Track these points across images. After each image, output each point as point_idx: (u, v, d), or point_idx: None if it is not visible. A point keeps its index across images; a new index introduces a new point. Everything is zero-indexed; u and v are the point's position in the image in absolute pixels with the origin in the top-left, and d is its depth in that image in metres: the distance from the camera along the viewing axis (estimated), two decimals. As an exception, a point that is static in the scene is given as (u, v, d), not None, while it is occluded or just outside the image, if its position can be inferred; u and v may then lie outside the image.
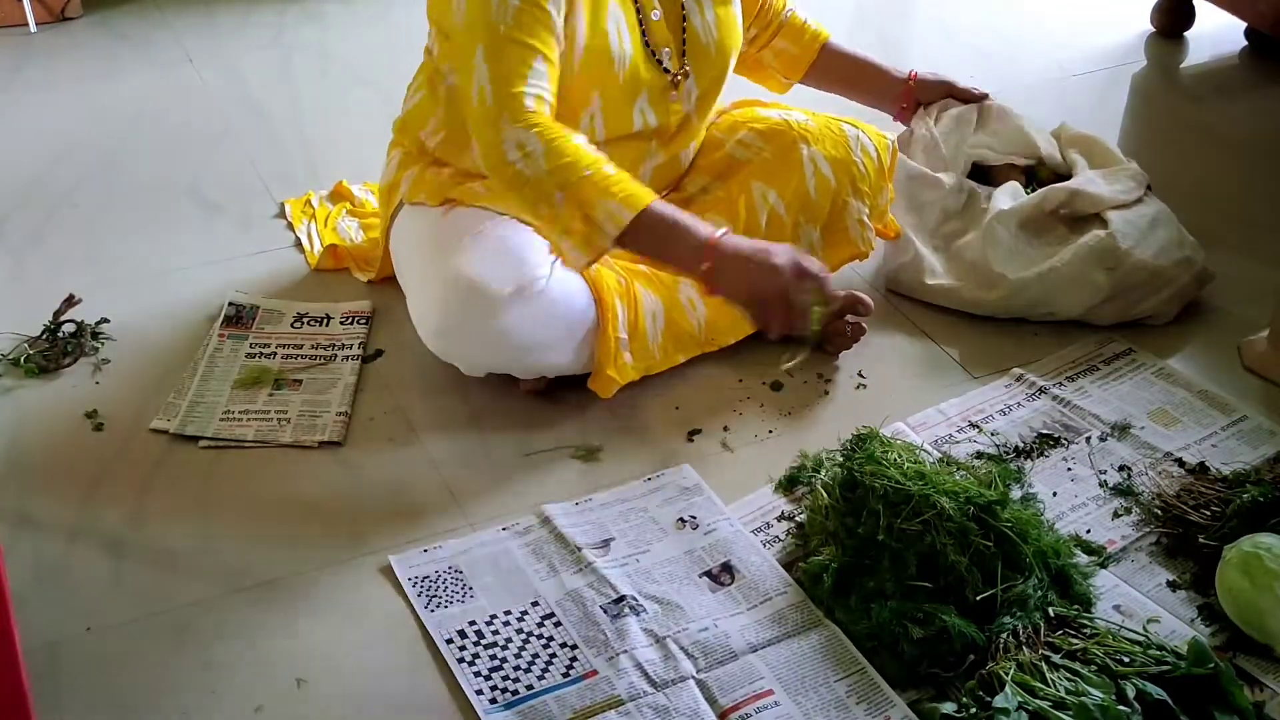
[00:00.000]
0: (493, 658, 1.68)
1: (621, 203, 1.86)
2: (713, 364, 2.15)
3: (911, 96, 2.37)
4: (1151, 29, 3.29)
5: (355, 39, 3.23)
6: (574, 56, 1.95)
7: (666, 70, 2.04)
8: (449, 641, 1.70)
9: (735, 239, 1.92)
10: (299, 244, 2.46)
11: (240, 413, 2.07)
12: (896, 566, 1.70)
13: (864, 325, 2.18)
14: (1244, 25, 3.20)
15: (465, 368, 2.03)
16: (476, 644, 1.70)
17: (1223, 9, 3.12)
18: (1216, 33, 3.25)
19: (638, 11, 2.01)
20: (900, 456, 1.82)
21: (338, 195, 2.59)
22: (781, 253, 1.90)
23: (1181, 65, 3.22)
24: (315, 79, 3.06)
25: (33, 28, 3.20)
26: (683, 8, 2.05)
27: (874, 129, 2.20)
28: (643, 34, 2.02)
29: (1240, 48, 3.23)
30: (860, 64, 2.36)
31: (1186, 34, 3.27)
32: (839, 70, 2.35)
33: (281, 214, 2.55)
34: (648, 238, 1.89)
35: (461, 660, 1.68)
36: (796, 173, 2.14)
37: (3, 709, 1.38)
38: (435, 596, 1.76)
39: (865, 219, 2.18)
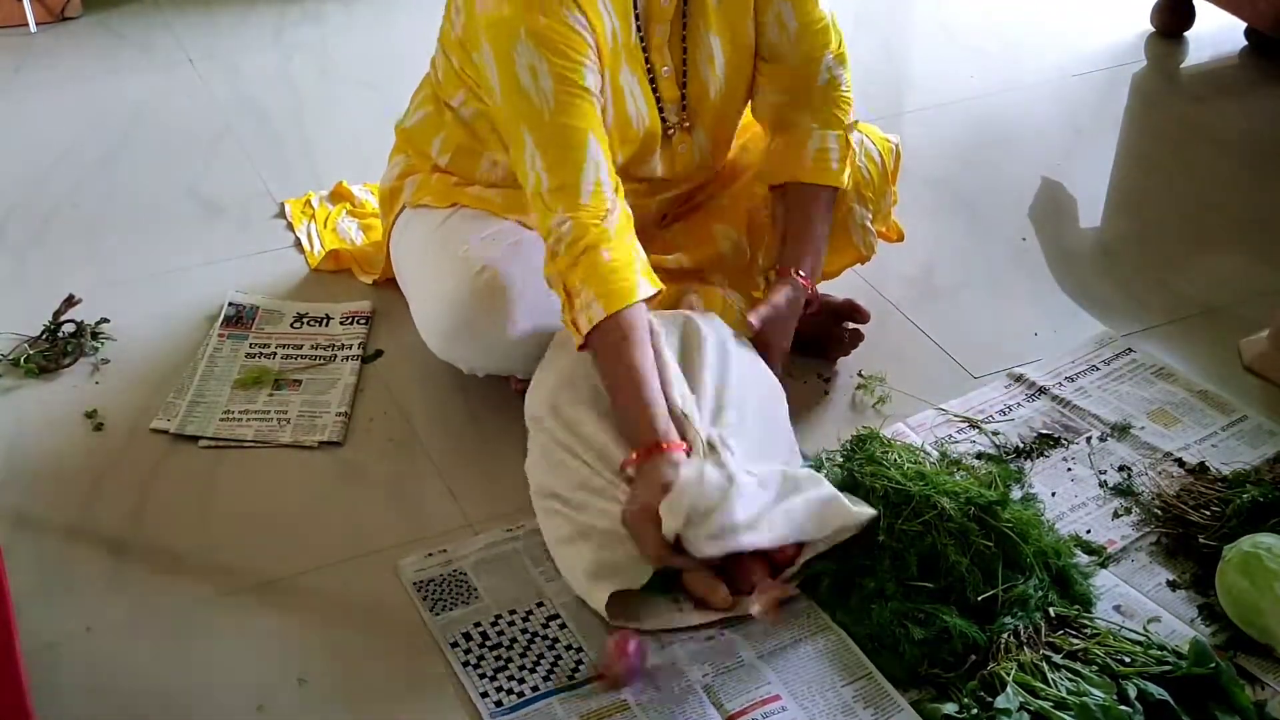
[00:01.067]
0: (498, 659, 1.68)
1: (598, 294, 1.77)
2: (713, 364, 2.15)
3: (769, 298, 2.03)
4: (1151, 29, 3.29)
5: (355, 39, 3.22)
6: (606, 120, 1.93)
7: (664, 119, 2.02)
8: (454, 645, 1.69)
9: (668, 463, 1.73)
10: (299, 244, 2.46)
11: (240, 413, 2.07)
12: (897, 567, 1.70)
13: (861, 332, 2.18)
14: (1244, 25, 3.20)
15: (466, 369, 2.03)
16: (481, 645, 1.70)
17: (1223, 9, 3.12)
18: (1216, 33, 3.25)
19: (649, 71, 1.97)
20: (900, 457, 1.83)
21: (338, 196, 2.59)
22: (673, 516, 1.69)
23: (1181, 65, 3.22)
24: (315, 79, 3.06)
25: (33, 28, 3.20)
26: (684, 65, 2.00)
27: (877, 132, 2.19)
28: (654, 91, 1.99)
29: (1240, 48, 3.23)
30: (794, 227, 2.06)
31: (1186, 34, 3.27)
32: (782, 208, 2.09)
33: (281, 214, 2.55)
34: (604, 364, 1.80)
35: (467, 664, 1.67)
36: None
37: (3, 709, 1.38)
38: (440, 600, 1.76)
39: (868, 224, 2.16)
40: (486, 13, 1.83)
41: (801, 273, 2.01)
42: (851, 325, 2.18)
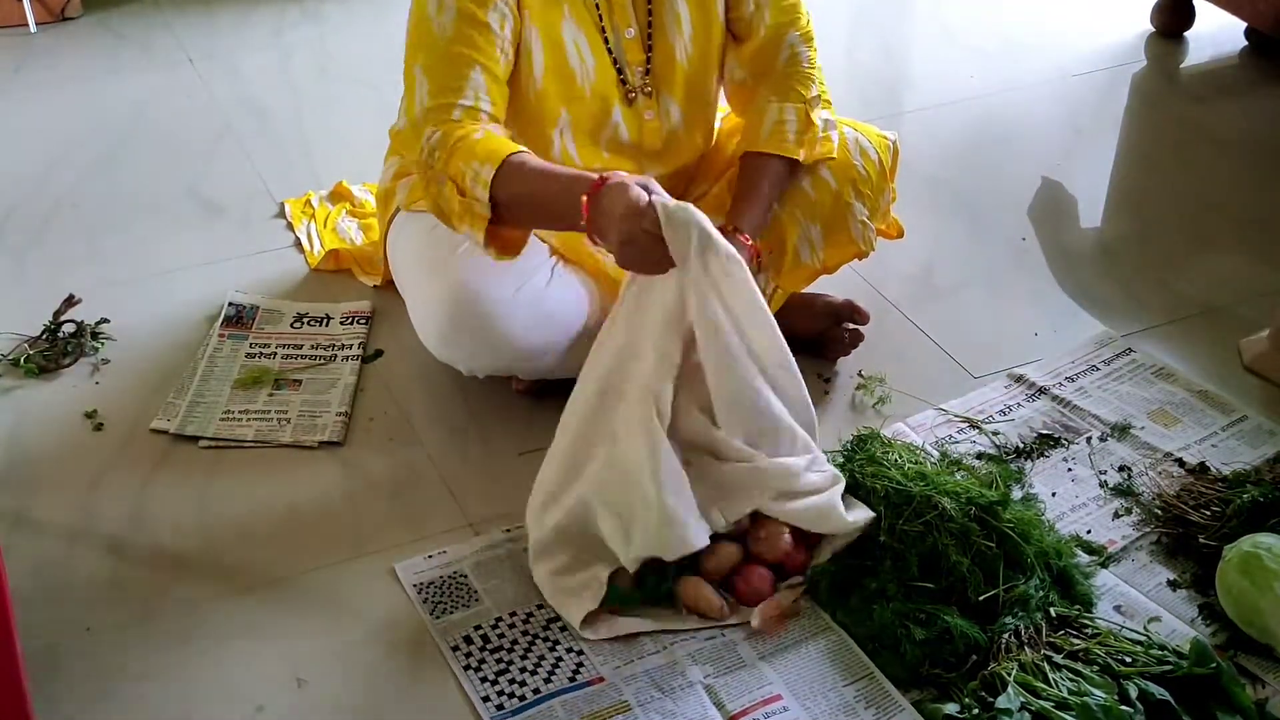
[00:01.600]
0: (499, 661, 1.68)
1: (483, 160, 1.76)
2: (713, 364, 2.15)
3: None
4: (1151, 29, 3.29)
5: (355, 39, 3.22)
6: (533, 71, 1.94)
7: (625, 82, 2.02)
8: (455, 649, 1.69)
9: (620, 182, 1.68)
10: (299, 244, 2.46)
11: (240, 413, 2.07)
12: (898, 567, 1.70)
13: (861, 332, 2.18)
14: (1244, 25, 3.20)
15: (465, 370, 2.03)
16: (483, 649, 1.70)
17: (1223, 9, 3.12)
18: (1216, 33, 3.25)
19: (602, 31, 1.98)
20: (901, 457, 1.82)
21: (337, 195, 2.59)
22: (639, 194, 1.67)
23: (1181, 65, 3.22)
24: (315, 79, 3.06)
25: (33, 28, 3.20)
26: (649, 28, 2.01)
27: (874, 130, 2.19)
28: (609, 51, 1.99)
29: (1240, 48, 3.23)
30: (741, 190, 2.06)
31: (1186, 34, 3.27)
32: (741, 177, 2.08)
33: (281, 214, 2.55)
34: (521, 191, 1.75)
35: (468, 668, 1.67)
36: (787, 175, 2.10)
37: (3, 709, 1.38)
38: (440, 603, 1.76)
39: (867, 220, 2.16)
40: None
41: (743, 232, 1.98)
42: (851, 326, 2.18)
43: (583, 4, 1.95)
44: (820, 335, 2.18)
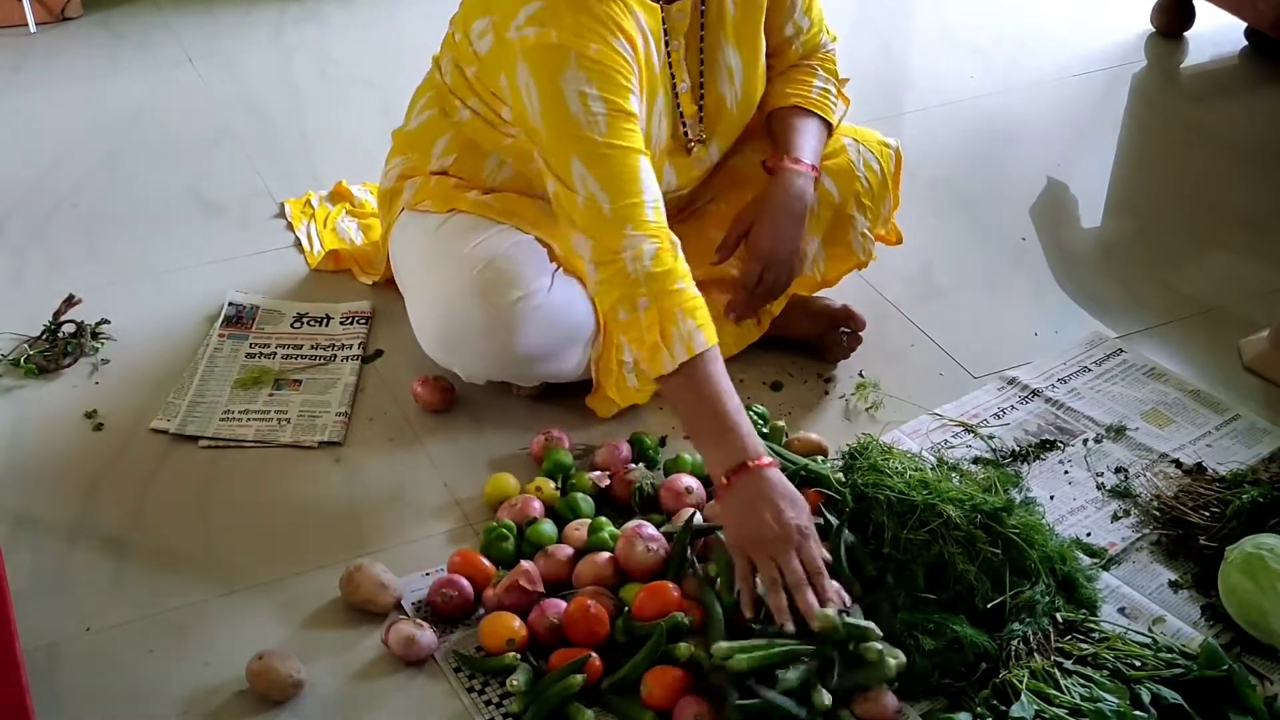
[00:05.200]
0: (501, 684, 1.65)
1: (700, 328, 1.75)
2: (713, 364, 2.15)
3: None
4: (1151, 29, 3.29)
5: (355, 39, 3.22)
6: None
7: (686, 134, 2.02)
8: (457, 670, 1.68)
9: (774, 477, 1.68)
10: (299, 244, 2.46)
11: (240, 413, 2.07)
12: (904, 577, 1.69)
13: (859, 336, 2.17)
14: (1244, 25, 3.20)
15: (465, 375, 2.02)
16: (484, 670, 1.67)
17: (1223, 9, 3.12)
18: (1216, 33, 3.25)
19: (674, 90, 1.98)
20: (902, 464, 1.81)
21: (337, 195, 2.58)
22: (802, 517, 1.66)
23: (1181, 65, 3.21)
24: (315, 79, 3.06)
25: (33, 28, 3.20)
26: (701, 79, 2.00)
27: (875, 137, 2.18)
28: (677, 107, 1.99)
29: (1240, 48, 3.23)
30: (774, 131, 2.10)
31: (1186, 34, 3.27)
32: (784, 123, 2.10)
33: (281, 214, 2.55)
34: (700, 391, 1.73)
35: (471, 690, 1.65)
36: None
37: (3, 709, 1.38)
38: (439, 623, 1.73)
39: (867, 231, 2.15)
40: (526, 39, 1.79)
41: (803, 160, 2.01)
42: (848, 330, 2.17)
43: (664, 68, 1.94)
44: (818, 338, 2.18)
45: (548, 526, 1.83)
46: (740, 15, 1.99)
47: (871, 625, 1.61)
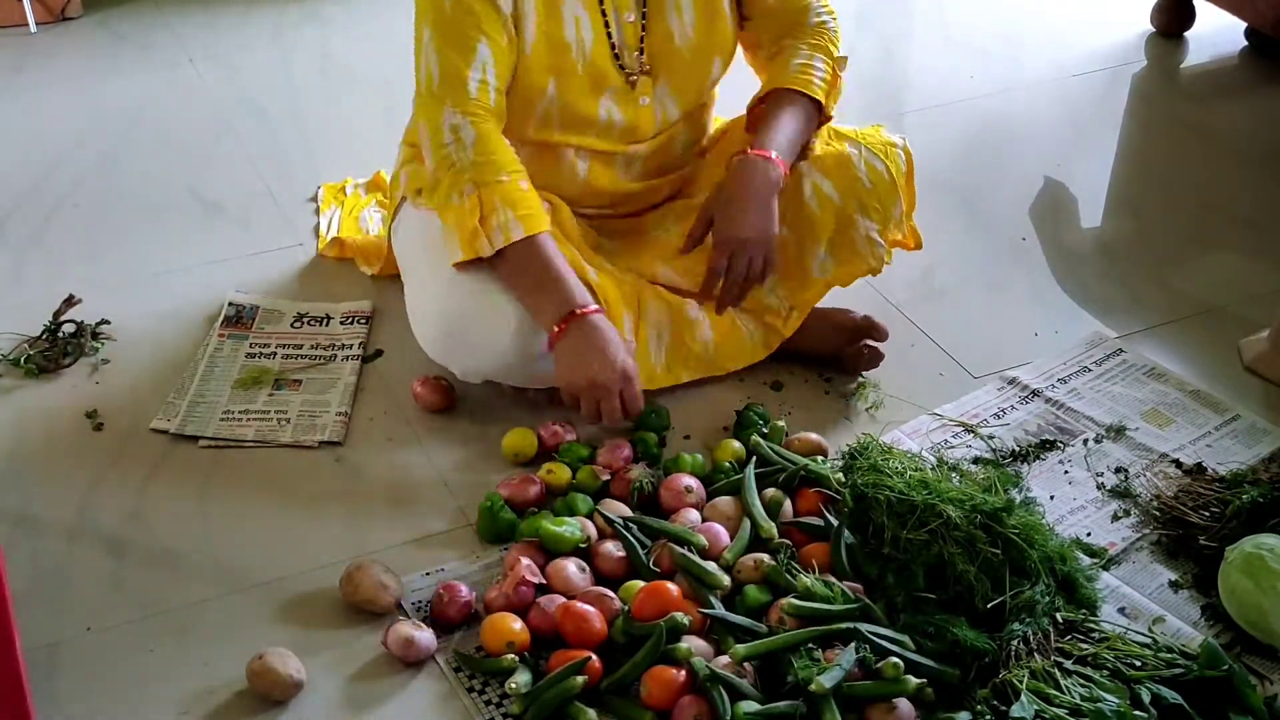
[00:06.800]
0: (501, 684, 1.65)
1: (520, 219, 1.87)
2: (713, 364, 2.15)
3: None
4: (1151, 29, 3.29)
5: (355, 39, 3.22)
6: (524, 42, 1.95)
7: (623, 67, 2.02)
8: (458, 670, 1.68)
9: (600, 322, 1.88)
10: (317, 229, 2.46)
11: (240, 413, 2.07)
12: (904, 578, 1.69)
13: (880, 350, 2.14)
14: (1244, 25, 3.20)
15: (461, 374, 2.02)
16: (485, 671, 1.68)
17: (1223, 9, 3.12)
18: (1216, 33, 3.25)
19: (603, 12, 1.99)
20: (902, 464, 1.81)
21: (373, 185, 2.59)
22: (620, 357, 1.87)
23: (1181, 65, 3.22)
24: (315, 79, 3.06)
25: (33, 28, 3.20)
26: (644, 9, 2.00)
27: (879, 136, 2.13)
28: (608, 32, 2.00)
29: (1240, 48, 3.23)
30: (767, 115, 2.06)
31: (1186, 34, 3.27)
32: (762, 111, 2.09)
33: (314, 197, 2.56)
34: (525, 267, 1.88)
35: (471, 690, 1.66)
36: (793, 194, 2.06)
37: (3, 709, 1.38)
38: (439, 623, 1.73)
39: (874, 235, 2.08)
40: None
41: (767, 150, 1.98)
42: (870, 344, 2.13)
43: None
44: (838, 353, 2.14)
45: (548, 521, 1.82)
46: None
47: (843, 671, 1.59)
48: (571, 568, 1.76)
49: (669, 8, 2.01)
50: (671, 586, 1.70)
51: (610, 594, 1.72)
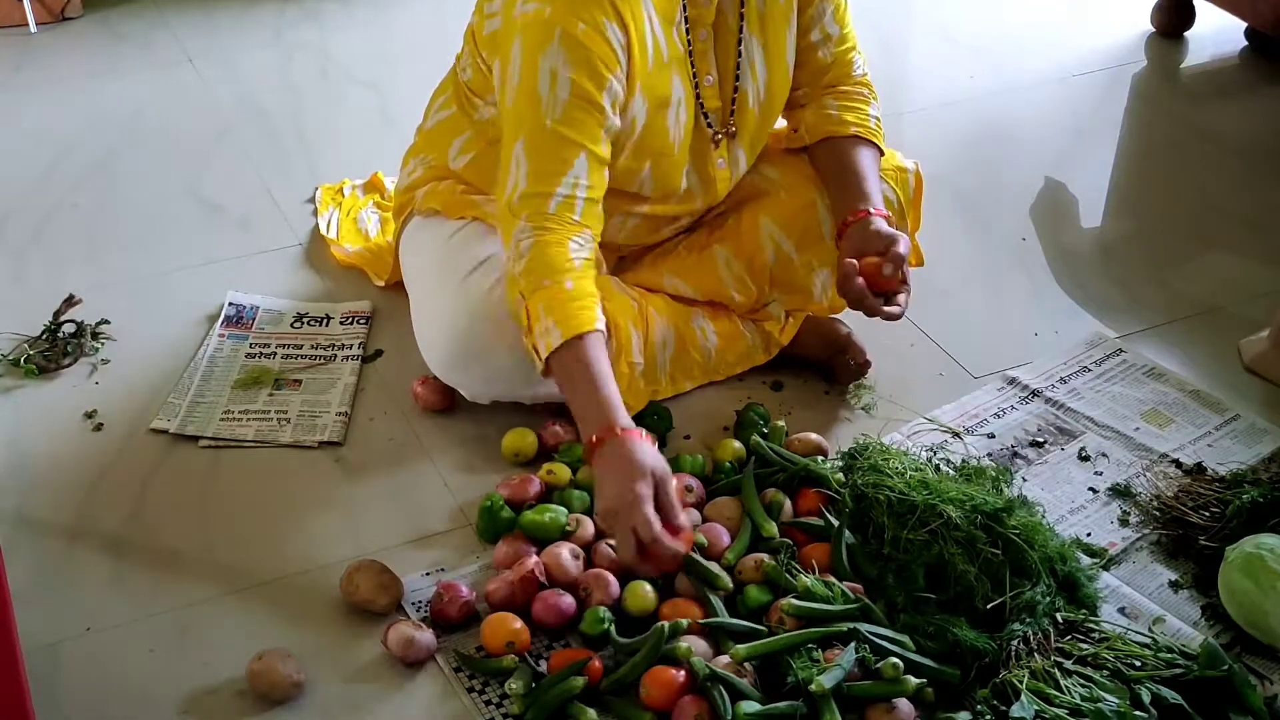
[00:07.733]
0: (501, 683, 1.66)
1: (558, 324, 1.73)
2: (713, 364, 2.15)
3: (846, 230, 1.98)
4: (1151, 29, 3.29)
5: (355, 39, 3.22)
6: (630, 137, 1.90)
7: (710, 126, 1.98)
8: (458, 670, 1.68)
9: (637, 444, 1.67)
10: (317, 229, 2.46)
11: (240, 413, 2.07)
12: (904, 579, 1.70)
13: (868, 361, 2.13)
14: (1244, 25, 3.20)
15: (470, 395, 2.01)
16: (485, 671, 1.68)
17: (1223, 9, 3.12)
18: (1216, 33, 3.25)
19: (694, 83, 1.94)
20: (902, 464, 1.81)
21: (370, 186, 2.59)
22: (645, 484, 1.65)
23: (1181, 65, 3.22)
24: (315, 79, 3.06)
25: (33, 28, 3.20)
26: (737, 71, 1.97)
27: (891, 161, 2.13)
28: (698, 102, 1.96)
29: (1240, 48, 3.23)
30: (842, 172, 2.05)
31: (1186, 34, 3.27)
32: (824, 166, 2.09)
33: (312, 199, 2.56)
34: (566, 373, 1.75)
35: (471, 690, 1.66)
36: (806, 215, 2.07)
37: (3, 709, 1.38)
38: (439, 624, 1.73)
39: None
40: (525, 14, 1.79)
41: (879, 209, 1.96)
42: (856, 362, 2.13)
43: (683, 59, 1.91)
44: (829, 361, 2.15)
45: (530, 512, 1.83)
46: (767, 8, 1.96)
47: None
48: (565, 553, 1.76)
49: (745, 68, 1.98)
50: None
51: (609, 577, 1.73)
